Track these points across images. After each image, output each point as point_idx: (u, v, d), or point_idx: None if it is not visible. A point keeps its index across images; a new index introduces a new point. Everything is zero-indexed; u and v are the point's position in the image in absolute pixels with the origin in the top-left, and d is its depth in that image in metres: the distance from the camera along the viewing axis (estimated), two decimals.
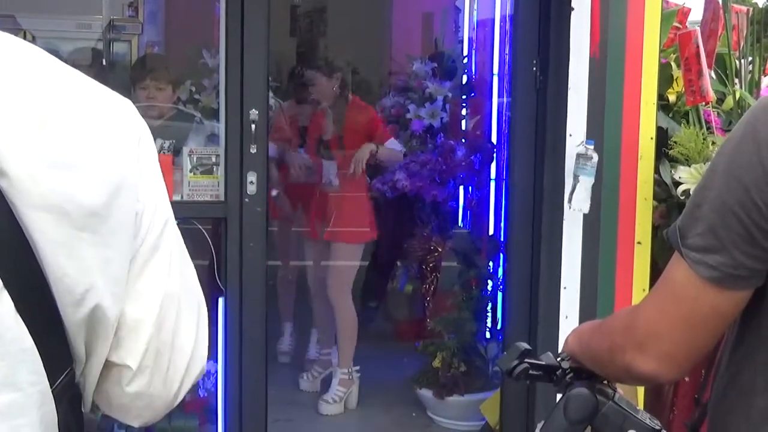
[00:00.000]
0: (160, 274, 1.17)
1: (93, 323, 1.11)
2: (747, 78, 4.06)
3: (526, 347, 1.70)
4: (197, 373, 1.25)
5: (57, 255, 1.06)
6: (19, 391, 1.06)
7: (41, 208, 1.04)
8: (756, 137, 1.33)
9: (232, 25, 3.56)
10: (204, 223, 3.82)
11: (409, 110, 5.14)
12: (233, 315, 3.68)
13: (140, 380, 1.18)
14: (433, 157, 5.07)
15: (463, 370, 4.67)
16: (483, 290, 4.88)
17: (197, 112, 4.49)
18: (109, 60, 6.06)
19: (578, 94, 3.53)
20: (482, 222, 5.19)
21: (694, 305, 1.38)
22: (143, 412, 1.23)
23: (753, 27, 4.11)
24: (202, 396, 4.02)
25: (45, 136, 1.06)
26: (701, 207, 1.37)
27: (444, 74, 5.31)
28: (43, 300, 1.07)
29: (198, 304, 1.25)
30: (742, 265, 1.34)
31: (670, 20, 4.10)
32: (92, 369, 1.16)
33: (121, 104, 1.18)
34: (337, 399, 4.91)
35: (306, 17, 9.16)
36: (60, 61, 1.15)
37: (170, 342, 1.19)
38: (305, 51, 8.22)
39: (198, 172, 3.68)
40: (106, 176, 1.09)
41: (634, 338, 1.45)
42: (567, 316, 3.60)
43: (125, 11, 5.99)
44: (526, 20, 3.81)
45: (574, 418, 1.59)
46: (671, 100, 4.00)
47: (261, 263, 3.68)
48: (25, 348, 1.06)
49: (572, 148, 3.50)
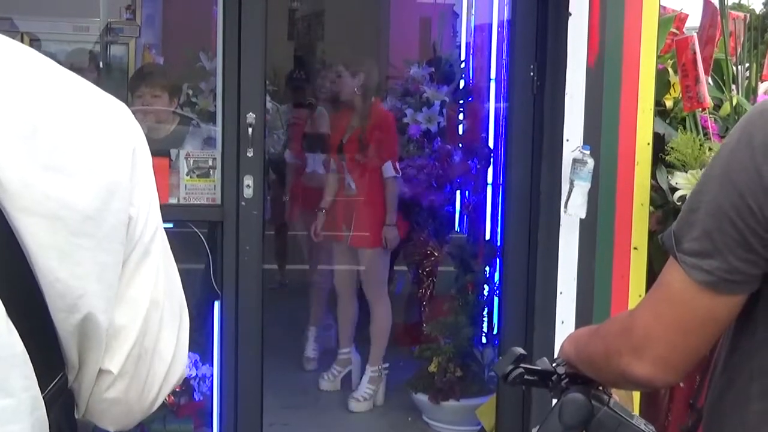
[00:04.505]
0: (148, 281, 1.17)
1: (86, 329, 1.10)
2: (744, 84, 4.07)
3: (522, 352, 1.70)
4: (176, 380, 1.23)
5: (49, 260, 1.05)
6: (10, 396, 1.05)
7: (34, 213, 1.04)
8: (751, 143, 1.34)
9: (229, 28, 3.56)
10: (200, 227, 3.82)
11: (407, 114, 5.13)
12: (229, 319, 3.67)
13: (119, 386, 1.17)
14: (430, 161, 5.07)
15: (459, 374, 4.67)
16: (479, 295, 4.88)
17: (194, 115, 4.49)
18: (106, 63, 6.06)
19: (575, 99, 3.53)
20: (479, 227, 5.19)
21: (689, 309, 1.39)
22: (120, 417, 1.22)
23: (750, 33, 4.12)
24: (197, 400, 4.01)
25: (38, 140, 1.05)
26: (697, 212, 1.37)
27: (441, 79, 5.31)
28: (35, 305, 1.06)
29: (180, 310, 1.24)
30: (737, 269, 1.34)
31: (668, 26, 4.11)
32: (86, 375, 1.15)
33: (116, 107, 1.17)
34: (367, 397, 4.97)
35: (303, 21, 9.17)
36: (56, 63, 1.14)
37: (152, 348, 1.18)
38: (303, 55, 8.24)
39: (195, 175, 3.68)
40: (99, 180, 1.09)
41: (630, 343, 1.45)
42: (563, 321, 3.60)
43: (123, 14, 5.98)
44: (523, 25, 3.82)
45: (569, 423, 1.59)
46: (668, 105, 4.01)
47: (257, 267, 3.68)
48: (16, 353, 1.05)
49: (569, 154, 3.50)
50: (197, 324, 3.46)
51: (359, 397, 4.97)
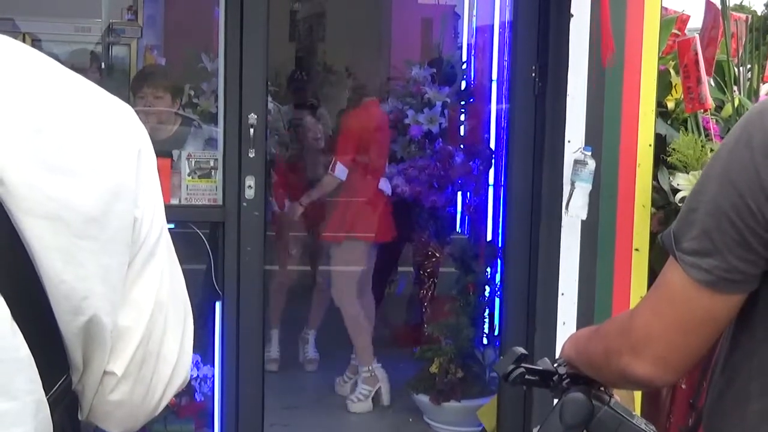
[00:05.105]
0: (153, 282, 1.16)
1: (91, 331, 1.10)
2: (746, 85, 4.07)
3: (523, 352, 1.70)
4: (180, 382, 1.23)
5: (54, 261, 1.05)
6: (14, 400, 1.04)
7: (38, 215, 1.03)
8: (750, 143, 1.34)
9: (231, 29, 3.57)
10: (202, 227, 3.82)
11: (408, 115, 5.13)
12: (230, 319, 3.67)
13: (123, 388, 1.17)
14: (431, 162, 5.07)
15: (460, 375, 4.67)
16: (480, 296, 4.88)
17: (196, 116, 4.49)
18: (108, 63, 6.06)
19: (577, 100, 3.53)
20: (480, 228, 5.19)
21: (688, 309, 1.39)
22: (124, 420, 1.21)
23: (752, 34, 4.12)
24: (198, 400, 4.01)
25: (42, 141, 1.04)
26: (696, 211, 1.38)
27: (443, 80, 5.31)
28: (40, 308, 1.06)
29: (185, 312, 1.24)
30: (736, 268, 1.35)
31: (669, 27, 4.11)
32: (91, 377, 1.15)
33: (120, 109, 1.16)
34: (362, 397, 4.98)
35: (305, 22, 9.18)
36: (60, 64, 1.13)
37: (156, 351, 1.18)
38: (304, 56, 8.24)
39: (196, 176, 3.68)
40: (104, 182, 1.08)
41: (629, 342, 1.45)
42: (564, 322, 3.60)
43: (124, 15, 5.99)
44: (525, 27, 3.82)
45: (570, 423, 1.59)
46: (670, 107, 4.01)
47: (258, 268, 3.68)
48: (20, 356, 1.04)
49: (570, 155, 3.50)
50: (198, 324, 3.46)
51: (354, 398, 4.99)
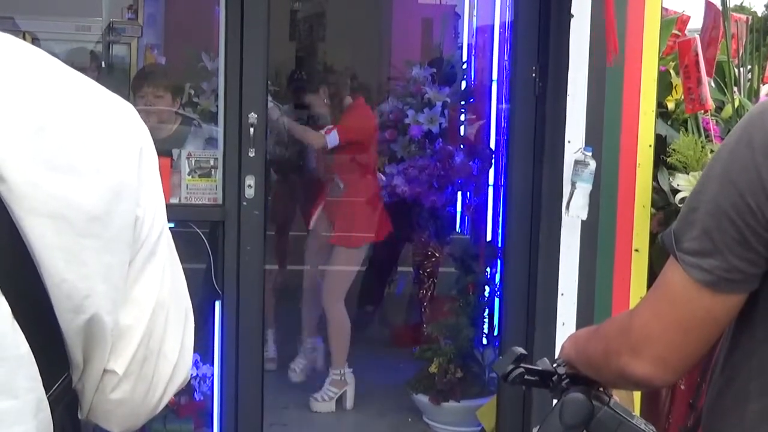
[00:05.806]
0: (154, 281, 1.16)
1: (92, 330, 1.10)
2: (746, 86, 4.07)
3: (522, 352, 1.70)
4: (181, 380, 1.23)
5: (56, 260, 1.05)
6: (15, 398, 1.04)
7: (41, 214, 1.03)
8: (751, 143, 1.34)
9: (231, 28, 3.56)
10: (202, 227, 3.82)
11: (408, 115, 5.13)
12: (230, 319, 3.67)
13: (124, 386, 1.17)
14: (431, 162, 5.07)
15: (460, 375, 4.66)
16: (480, 296, 4.88)
17: (196, 116, 4.49)
18: (108, 62, 6.06)
19: (577, 101, 3.53)
20: (480, 228, 5.19)
21: (688, 309, 1.39)
22: (125, 418, 1.21)
23: (752, 35, 4.12)
24: (197, 400, 4.01)
25: (44, 139, 1.04)
26: (696, 211, 1.38)
27: (443, 80, 5.31)
28: (41, 306, 1.06)
29: (185, 311, 1.24)
30: (737, 268, 1.35)
31: (670, 28, 4.11)
32: (91, 376, 1.15)
33: (122, 108, 1.16)
34: (327, 398, 4.94)
35: (305, 22, 9.17)
36: (62, 63, 1.13)
37: (157, 349, 1.18)
38: (304, 56, 8.24)
39: (196, 175, 3.68)
40: (106, 180, 1.08)
41: (629, 342, 1.45)
42: (564, 322, 3.59)
43: (125, 14, 5.99)
44: (525, 27, 3.82)
45: (570, 423, 1.59)
46: (670, 107, 4.01)
47: (258, 267, 3.68)
48: (21, 354, 1.04)
49: (571, 155, 3.50)
50: (198, 324, 3.45)
51: (318, 397, 4.94)
